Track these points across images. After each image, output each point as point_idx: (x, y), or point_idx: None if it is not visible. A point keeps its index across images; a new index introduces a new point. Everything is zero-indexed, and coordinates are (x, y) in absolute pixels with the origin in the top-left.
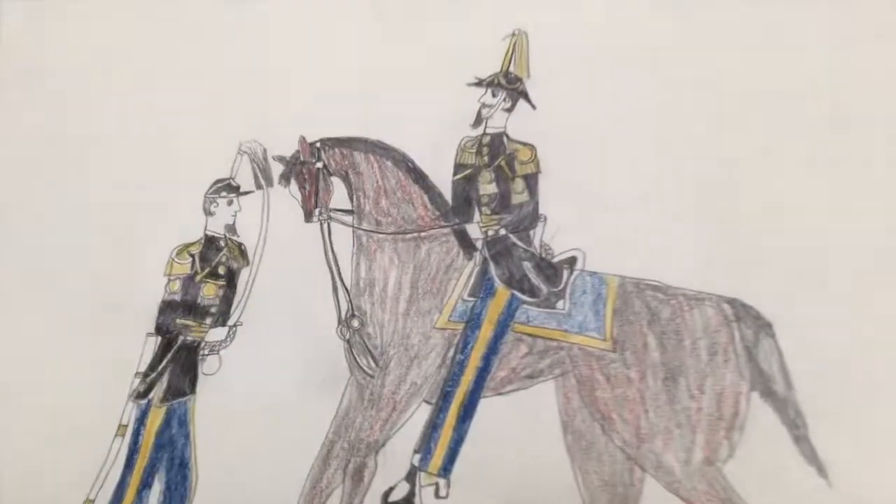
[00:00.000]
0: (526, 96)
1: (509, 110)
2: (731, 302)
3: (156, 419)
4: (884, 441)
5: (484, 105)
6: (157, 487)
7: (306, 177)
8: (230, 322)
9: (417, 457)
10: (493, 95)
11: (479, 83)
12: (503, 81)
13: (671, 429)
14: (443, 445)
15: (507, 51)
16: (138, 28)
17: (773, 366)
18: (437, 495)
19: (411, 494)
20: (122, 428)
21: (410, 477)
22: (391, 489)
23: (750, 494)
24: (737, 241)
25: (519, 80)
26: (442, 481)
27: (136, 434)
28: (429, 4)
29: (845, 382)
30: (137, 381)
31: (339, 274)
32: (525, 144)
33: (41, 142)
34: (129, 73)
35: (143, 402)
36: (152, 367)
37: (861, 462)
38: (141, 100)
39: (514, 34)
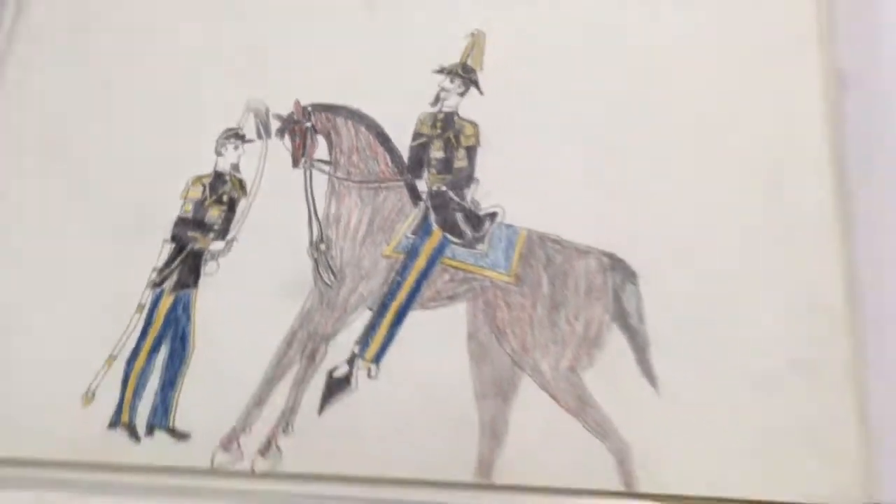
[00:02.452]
0: (476, 84)
1: (462, 95)
2: (610, 255)
3: (166, 303)
4: (703, 364)
5: (443, 89)
6: (163, 352)
7: (297, 133)
8: (228, 237)
9: (357, 347)
10: (451, 82)
11: (442, 71)
12: (461, 71)
13: (548, 344)
14: (377, 341)
15: (467, 47)
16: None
17: (632, 305)
18: (368, 376)
19: (349, 374)
20: (140, 307)
21: (350, 361)
22: (335, 369)
23: (600, 395)
24: (625, 209)
25: (473, 71)
26: (374, 367)
27: (151, 313)
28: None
29: (684, 322)
30: (155, 274)
31: (314, 209)
32: (471, 122)
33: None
34: (155, 38)
35: (158, 289)
36: (167, 264)
37: (686, 379)
38: (169, 62)
39: (472, 34)
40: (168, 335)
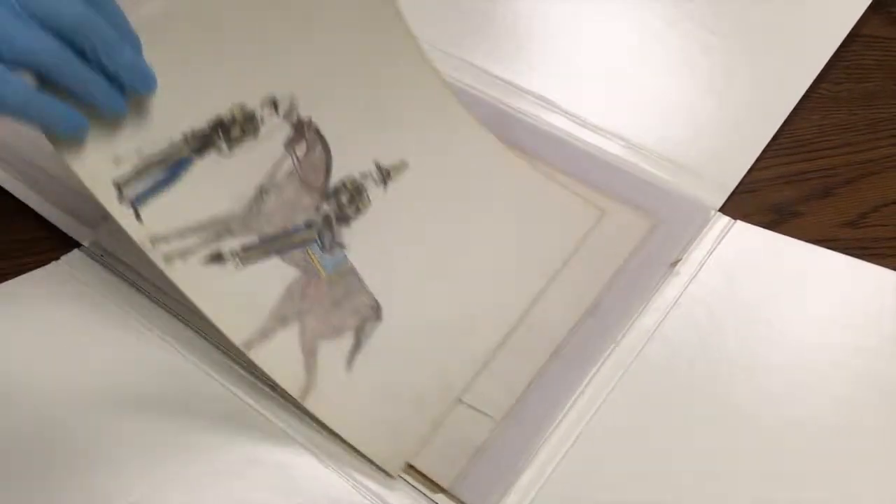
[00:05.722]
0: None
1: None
2: (376, 301)
3: None
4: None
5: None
6: None
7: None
8: None
9: (241, 249)
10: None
11: None
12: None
13: (318, 318)
14: (253, 255)
15: None
16: None
17: (367, 330)
18: (234, 267)
19: (223, 259)
20: None
21: (232, 253)
22: (220, 253)
23: (321, 357)
24: None
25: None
26: (240, 264)
27: None
28: None
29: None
30: None
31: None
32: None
33: None
34: None
35: None
36: None
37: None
38: None
39: None
40: None
